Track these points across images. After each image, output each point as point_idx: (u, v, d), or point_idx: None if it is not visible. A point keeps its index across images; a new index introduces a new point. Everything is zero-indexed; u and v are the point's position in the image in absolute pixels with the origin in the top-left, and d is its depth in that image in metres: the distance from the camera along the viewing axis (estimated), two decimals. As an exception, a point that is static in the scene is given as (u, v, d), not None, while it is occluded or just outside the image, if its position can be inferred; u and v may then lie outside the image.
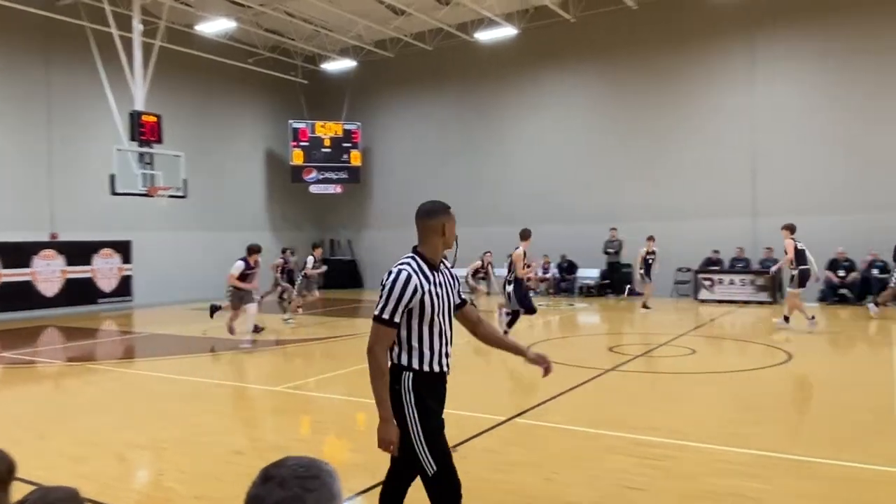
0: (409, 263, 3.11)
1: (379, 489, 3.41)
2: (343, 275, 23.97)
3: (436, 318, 3.11)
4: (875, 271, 16.16)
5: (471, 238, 22.03)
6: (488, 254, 18.07)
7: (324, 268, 15.54)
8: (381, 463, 5.20)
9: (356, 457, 5.54)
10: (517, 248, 10.79)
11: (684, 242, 18.40)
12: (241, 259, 11.26)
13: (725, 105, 18.64)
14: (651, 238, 16.30)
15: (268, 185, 24.14)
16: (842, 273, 16.55)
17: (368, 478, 4.61)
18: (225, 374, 9.42)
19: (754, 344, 10.99)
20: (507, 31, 20.18)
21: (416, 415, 3.05)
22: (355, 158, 24.20)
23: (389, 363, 3.11)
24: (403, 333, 3.08)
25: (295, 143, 23.59)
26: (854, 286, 16.39)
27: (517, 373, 8.60)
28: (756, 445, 5.39)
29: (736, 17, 18.22)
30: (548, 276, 20.76)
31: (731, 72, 18.59)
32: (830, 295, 16.66)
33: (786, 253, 11.98)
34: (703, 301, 17.57)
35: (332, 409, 7.43)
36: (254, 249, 11.36)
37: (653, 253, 16.20)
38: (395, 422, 3.04)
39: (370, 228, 24.75)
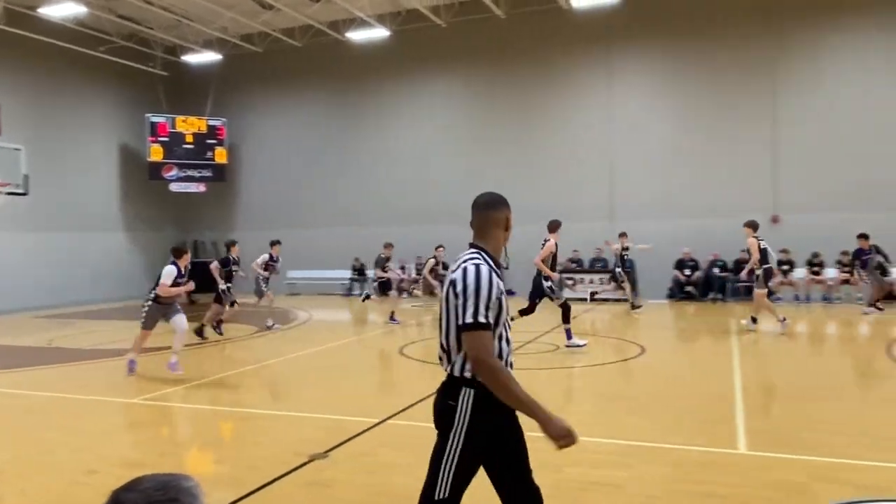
0: (480, 258, 2.73)
1: (245, 500, 3.26)
2: (209, 279, 22.85)
3: (505, 322, 2.74)
4: (716, 270, 17.73)
5: (340, 238, 21.99)
6: (441, 248, 16.47)
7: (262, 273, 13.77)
8: (247, 474, 5.03)
9: (221, 469, 5.30)
10: (546, 240, 10.47)
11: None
12: (171, 263, 9.07)
13: (585, 114, 19.75)
14: (623, 234, 16.07)
15: (123, 182, 22.55)
16: (688, 272, 18.00)
17: (234, 490, 4.42)
18: (74, 386, 8.67)
19: (612, 339, 11.68)
20: (379, 33, 20.17)
21: (462, 437, 2.66)
22: (220, 156, 23.19)
23: (449, 375, 2.74)
24: None
25: (153, 139, 22.21)
26: (698, 284, 17.90)
27: (390, 374, 8.61)
28: (614, 435, 5.73)
29: (595, 33, 19.32)
30: (417, 276, 20.93)
31: (591, 84, 19.71)
32: (678, 292, 18.08)
33: (749, 253, 11.42)
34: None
35: (195, 421, 7.06)
36: (182, 250, 9.31)
37: (627, 249, 15.95)
38: (553, 414, 2.58)
39: (237, 230, 23.82)
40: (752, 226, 11.31)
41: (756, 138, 18.07)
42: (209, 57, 22.31)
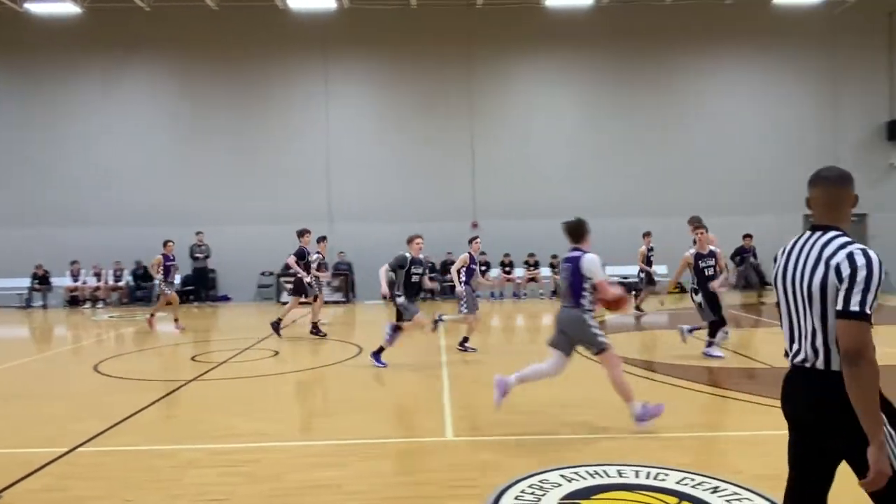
0: (856, 242, 2.42)
1: None
2: None
3: None
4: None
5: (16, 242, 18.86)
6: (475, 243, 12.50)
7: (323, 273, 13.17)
8: None
9: None
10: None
11: (269, 248, 18.63)
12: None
13: (304, 116, 19.71)
14: (647, 234, 14.77)
15: None
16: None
17: None
18: None
19: (331, 341, 11.78)
20: (66, 8, 17.77)
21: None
22: None
23: (814, 367, 2.46)
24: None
25: None
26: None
27: (82, 396, 7.58)
28: (333, 436, 5.76)
29: (311, 36, 19.40)
30: (121, 283, 18.92)
31: (309, 84, 19.74)
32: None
33: (712, 254, 10.54)
34: (285, 304, 18.11)
35: None
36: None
37: (651, 250, 14.57)
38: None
39: None
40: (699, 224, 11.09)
41: (459, 151, 19.78)
42: None
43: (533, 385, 7.82)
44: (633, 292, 14.23)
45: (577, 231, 5.98)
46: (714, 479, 4.51)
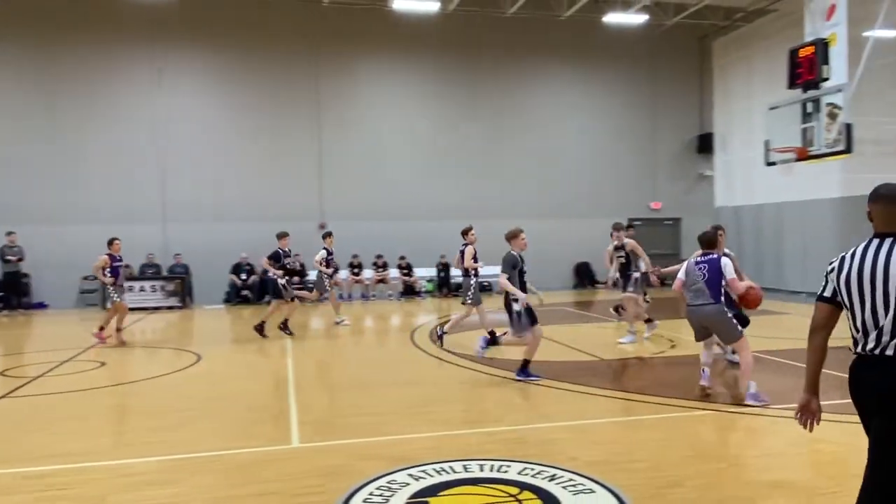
0: None
1: None
2: None
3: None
4: (270, 274, 18.30)
5: None
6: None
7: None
8: None
9: None
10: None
11: (92, 250, 17.11)
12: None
13: (133, 109, 18.30)
14: (619, 228, 12.96)
15: None
16: (244, 276, 18.21)
17: None
18: None
19: (165, 349, 11.05)
20: None
21: None
22: None
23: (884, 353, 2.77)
24: None
25: None
26: (254, 288, 18.24)
27: None
28: (165, 451, 5.37)
29: (143, 24, 18.05)
30: None
31: (138, 74, 18.34)
32: (234, 297, 18.13)
33: (637, 256, 10.67)
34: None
35: None
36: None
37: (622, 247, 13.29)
38: None
39: None
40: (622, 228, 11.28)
41: (305, 151, 19.37)
42: None
43: (382, 387, 7.84)
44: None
45: (712, 240, 7.17)
46: (552, 467, 4.76)
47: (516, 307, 7.70)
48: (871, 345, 2.80)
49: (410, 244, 18.96)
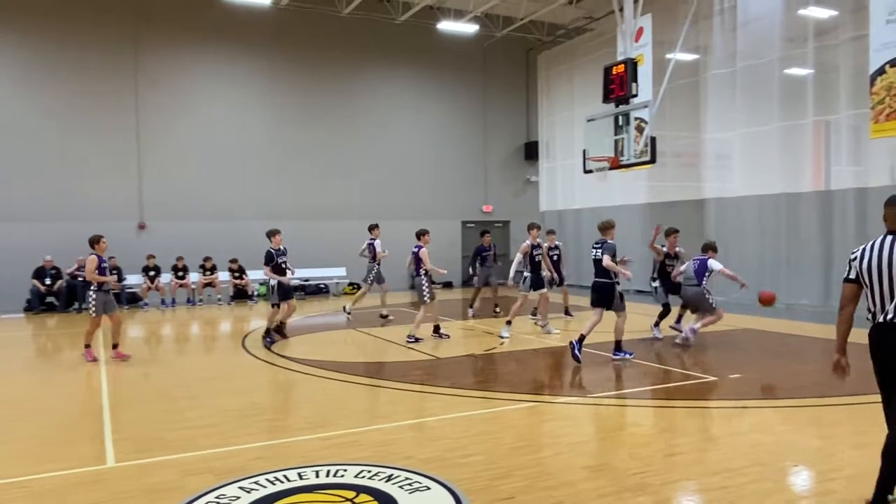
0: None
1: None
2: None
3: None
4: (80, 278, 16.71)
5: None
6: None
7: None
8: None
9: None
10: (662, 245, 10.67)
11: None
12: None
13: None
14: (552, 232, 13.90)
15: None
16: (48, 281, 16.40)
17: None
18: None
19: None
20: None
21: None
22: None
23: None
24: None
25: None
26: (60, 294, 16.49)
27: None
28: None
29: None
30: None
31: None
32: (37, 304, 16.28)
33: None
34: None
35: None
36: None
37: (556, 248, 13.28)
38: None
39: None
40: (538, 227, 11.68)
41: (122, 146, 17.90)
42: None
43: (209, 396, 7.42)
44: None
45: (714, 247, 9.92)
46: (388, 467, 4.77)
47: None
48: (887, 316, 3.67)
49: (243, 246, 18.15)
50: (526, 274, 11.14)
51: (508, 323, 11.01)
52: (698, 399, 7.03)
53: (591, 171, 12.97)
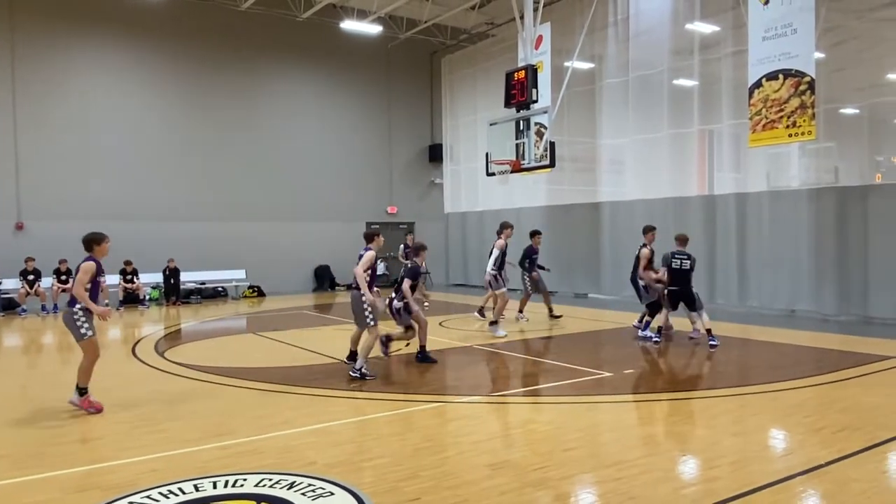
0: None
1: None
2: None
3: None
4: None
5: None
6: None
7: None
8: None
9: None
10: (644, 245, 10.81)
11: None
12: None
13: None
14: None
15: None
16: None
17: None
18: None
19: None
20: None
21: None
22: None
23: None
24: None
25: None
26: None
27: None
28: None
29: None
30: None
31: None
32: None
33: (498, 253, 11.28)
34: None
35: None
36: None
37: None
38: None
39: None
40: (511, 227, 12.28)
41: (-3, 137, 16.58)
42: None
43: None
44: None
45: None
46: (290, 474, 4.66)
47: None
48: None
49: (134, 247, 17.20)
50: (494, 272, 11.44)
51: (495, 323, 11.25)
52: (593, 395, 7.30)
53: (493, 174, 13.21)
